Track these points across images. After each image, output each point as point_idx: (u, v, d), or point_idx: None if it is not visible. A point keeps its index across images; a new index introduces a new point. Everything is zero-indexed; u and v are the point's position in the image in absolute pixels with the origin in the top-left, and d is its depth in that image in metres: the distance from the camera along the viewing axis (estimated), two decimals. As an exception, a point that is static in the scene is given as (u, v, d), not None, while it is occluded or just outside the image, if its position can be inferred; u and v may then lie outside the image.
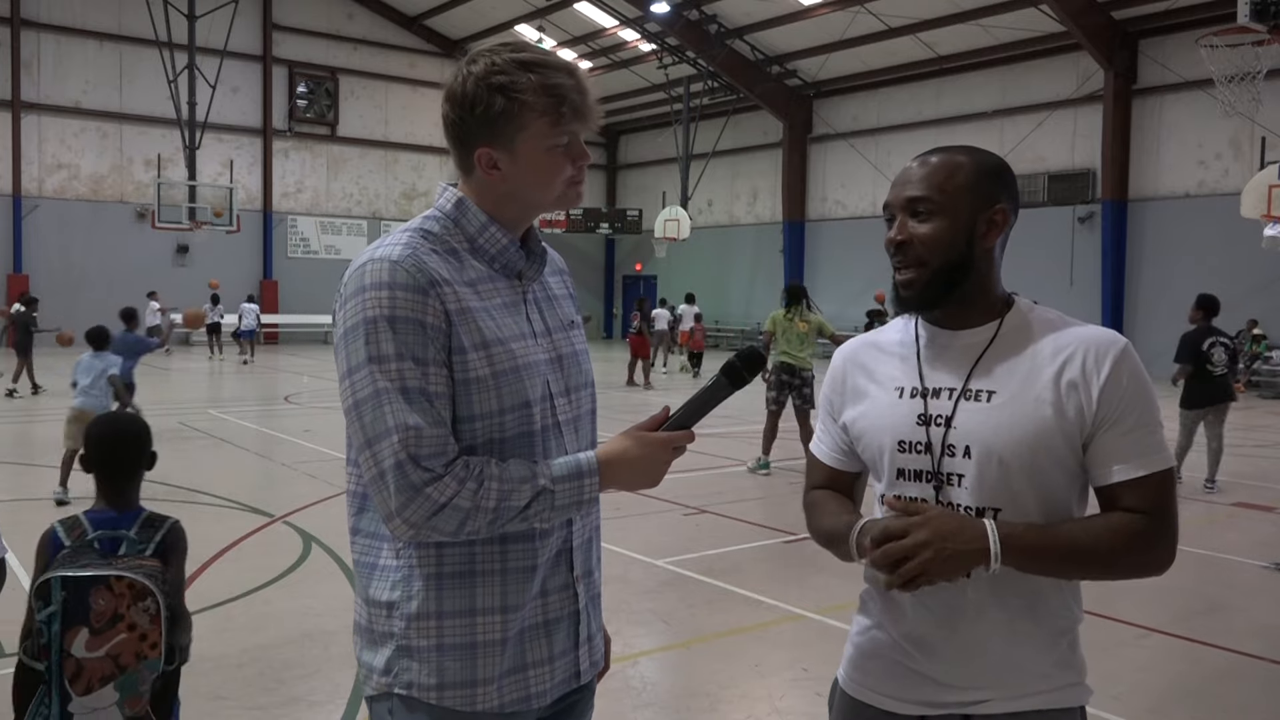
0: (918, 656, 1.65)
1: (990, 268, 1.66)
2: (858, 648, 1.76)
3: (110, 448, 2.64)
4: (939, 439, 1.63)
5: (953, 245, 1.62)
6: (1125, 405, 1.56)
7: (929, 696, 1.65)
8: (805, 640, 4.96)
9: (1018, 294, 1.72)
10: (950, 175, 1.64)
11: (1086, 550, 1.54)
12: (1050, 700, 1.62)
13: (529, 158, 1.62)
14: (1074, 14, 20.21)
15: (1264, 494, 8.97)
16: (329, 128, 30.16)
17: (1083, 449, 1.58)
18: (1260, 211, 14.93)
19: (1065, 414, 1.56)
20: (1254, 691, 4.53)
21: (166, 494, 7.99)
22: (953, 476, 1.62)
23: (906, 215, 1.66)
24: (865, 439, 1.74)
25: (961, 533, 1.50)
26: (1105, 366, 1.56)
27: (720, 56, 26.33)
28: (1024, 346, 1.62)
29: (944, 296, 1.65)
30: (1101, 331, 1.62)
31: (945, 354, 1.68)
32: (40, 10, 25.60)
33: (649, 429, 1.63)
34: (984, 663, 1.61)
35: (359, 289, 1.55)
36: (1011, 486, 1.58)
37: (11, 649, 4.49)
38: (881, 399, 1.72)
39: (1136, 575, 1.59)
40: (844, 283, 27.26)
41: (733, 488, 8.86)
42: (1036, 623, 1.61)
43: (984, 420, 1.60)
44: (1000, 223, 1.65)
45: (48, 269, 25.61)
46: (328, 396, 15.30)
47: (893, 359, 1.74)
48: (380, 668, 1.64)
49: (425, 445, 1.50)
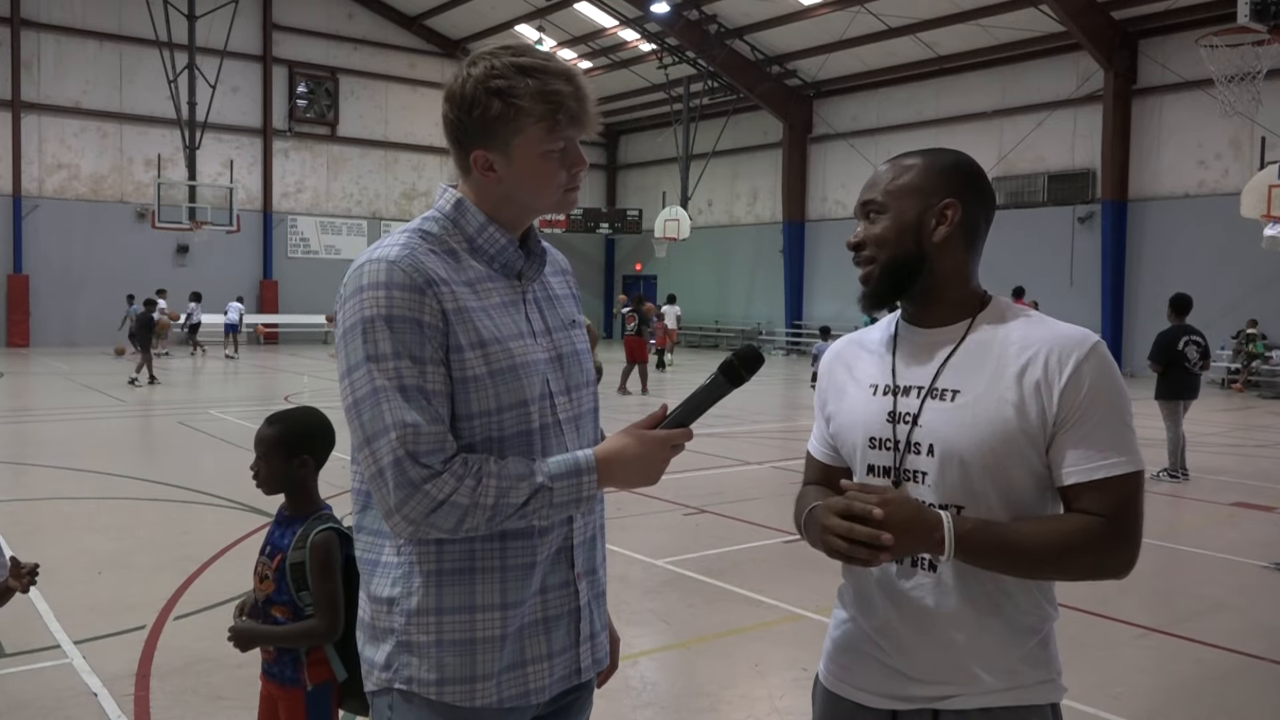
0: (889, 650, 1.67)
1: (953, 264, 1.67)
2: (834, 641, 1.80)
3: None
4: (904, 436, 1.65)
5: (899, 242, 1.66)
6: (1086, 407, 1.56)
7: (900, 691, 1.67)
8: (805, 640, 4.96)
9: (994, 293, 1.74)
10: (896, 176, 1.69)
11: (1037, 550, 1.54)
12: (1019, 697, 1.62)
13: (524, 162, 1.63)
14: (1074, 14, 20.21)
15: (1264, 494, 8.96)
16: (329, 128, 30.16)
17: (1046, 450, 1.59)
18: (1260, 211, 14.94)
19: (1027, 415, 1.57)
20: (1254, 691, 4.53)
21: (167, 494, 8.00)
22: (916, 474, 1.64)
23: (862, 218, 1.72)
24: (842, 435, 1.78)
25: (917, 522, 1.53)
26: (1068, 367, 1.57)
27: (720, 56, 26.34)
28: (992, 346, 1.63)
29: (896, 292, 1.68)
30: (1071, 331, 1.62)
31: (918, 352, 1.70)
32: (40, 10, 25.60)
33: (647, 427, 1.64)
34: (952, 659, 1.63)
35: (357, 289, 1.57)
36: (973, 485, 1.60)
37: (12, 649, 4.50)
38: (858, 396, 1.75)
39: (1094, 578, 1.59)
40: (844, 283, 27.26)
41: (733, 488, 8.86)
42: (1004, 620, 1.62)
43: (947, 419, 1.61)
44: (951, 218, 1.65)
45: (48, 269, 25.62)
46: (328, 396, 15.31)
47: (872, 356, 1.77)
48: (381, 663, 1.66)
49: (423, 442, 1.52)
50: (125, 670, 4.31)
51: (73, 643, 4.62)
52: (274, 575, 2.50)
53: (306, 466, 2.54)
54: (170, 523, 7.16)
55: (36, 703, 3.98)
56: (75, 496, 7.97)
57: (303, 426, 2.57)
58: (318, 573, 2.44)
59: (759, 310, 30.42)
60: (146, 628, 4.82)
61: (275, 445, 2.51)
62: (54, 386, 16.79)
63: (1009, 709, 1.62)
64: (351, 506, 1.74)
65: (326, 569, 2.44)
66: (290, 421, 2.57)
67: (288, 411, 2.64)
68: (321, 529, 2.48)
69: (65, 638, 4.69)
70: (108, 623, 4.90)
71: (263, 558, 2.57)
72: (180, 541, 6.49)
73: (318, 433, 2.58)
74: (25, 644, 4.58)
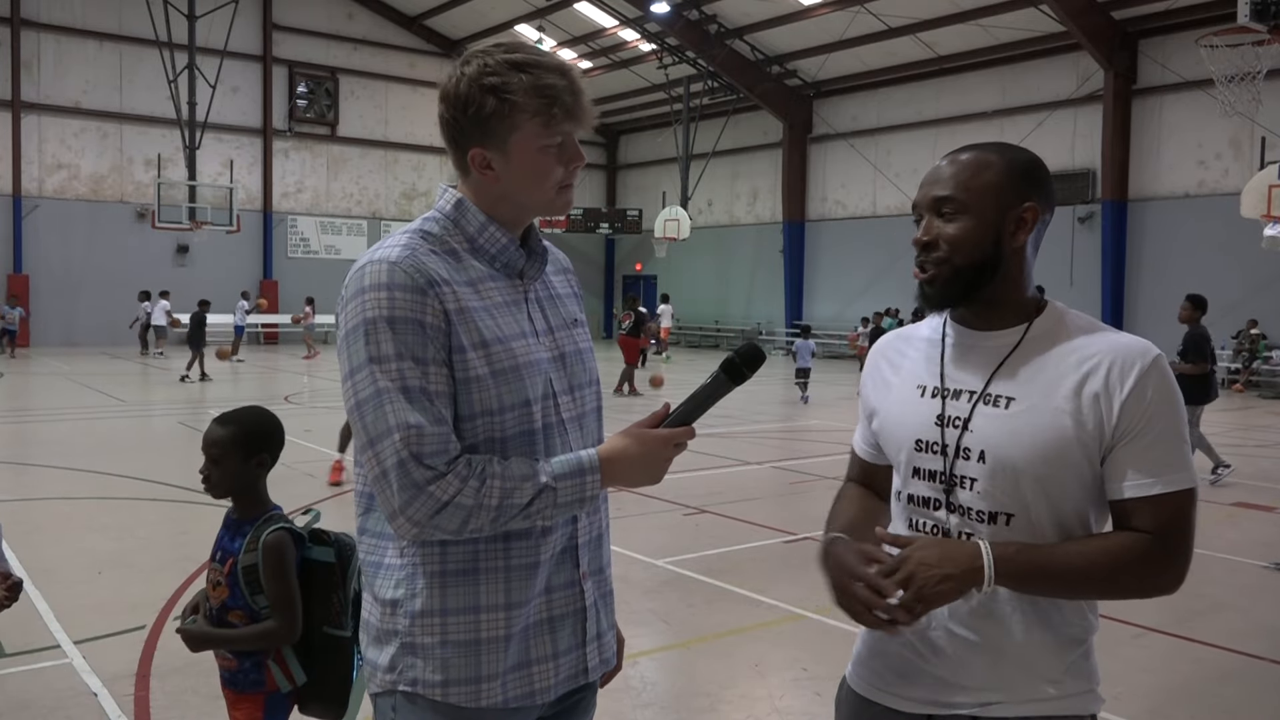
0: (928, 655, 1.64)
1: (1020, 268, 1.62)
2: (867, 645, 1.75)
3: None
4: (954, 441, 1.61)
5: (978, 245, 1.59)
6: (1147, 420, 1.52)
7: (937, 696, 1.63)
8: (805, 640, 4.96)
9: (1051, 298, 1.69)
10: (977, 173, 1.60)
11: (1081, 573, 1.52)
12: (1061, 707, 1.59)
13: (521, 158, 1.62)
14: (1074, 14, 20.20)
15: (1264, 494, 8.97)
16: (329, 128, 30.15)
17: (1101, 462, 1.55)
18: (1260, 211, 14.94)
19: (1085, 425, 1.53)
20: (1254, 692, 4.53)
21: (167, 494, 8.00)
22: (965, 480, 1.60)
23: (933, 215, 1.63)
24: (886, 434, 1.74)
25: (950, 557, 1.50)
26: (1130, 379, 1.52)
27: (720, 56, 26.33)
28: (1050, 353, 1.59)
29: (966, 295, 1.62)
30: (1133, 341, 1.57)
31: (970, 355, 1.65)
32: (40, 10, 25.59)
33: (649, 426, 1.64)
34: (995, 666, 1.59)
35: (359, 290, 1.57)
36: (1023, 495, 1.56)
37: (12, 649, 4.50)
38: (904, 396, 1.71)
39: (1142, 596, 1.57)
40: (844, 283, 27.29)
41: (733, 488, 8.86)
42: (1050, 629, 1.59)
43: (1000, 426, 1.57)
44: (1030, 221, 1.61)
45: (48, 269, 25.62)
46: (328, 396, 15.31)
47: (919, 356, 1.72)
48: (385, 665, 1.65)
49: (427, 443, 1.52)
50: (125, 670, 4.31)
51: (73, 643, 4.63)
52: (226, 580, 2.44)
53: (263, 466, 2.49)
54: (170, 523, 7.16)
55: (36, 703, 3.99)
56: (75, 496, 7.97)
57: (258, 426, 2.51)
58: (271, 574, 2.39)
59: (759, 310, 30.41)
60: (146, 628, 4.82)
61: (231, 446, 2.44)
62: (54, 386, 16.79)
63: (1050, 718, 1.59)
64: (355, 508, 1.74)
65: (280, 570, 2.39)
66: (245, 421, 2.50)
67: (238, 412, 2.56)
68: (273, 530, 2.42)
69: (65, 638, 4.69)
70: (108, 623, 4.91)
71: (214, 564, 2.50)
72: (180, 541, 6.49)
73: (273, 431, 2.53)
74: (25, 644, 4.57)
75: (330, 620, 2.44)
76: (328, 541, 2.48)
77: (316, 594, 2.44)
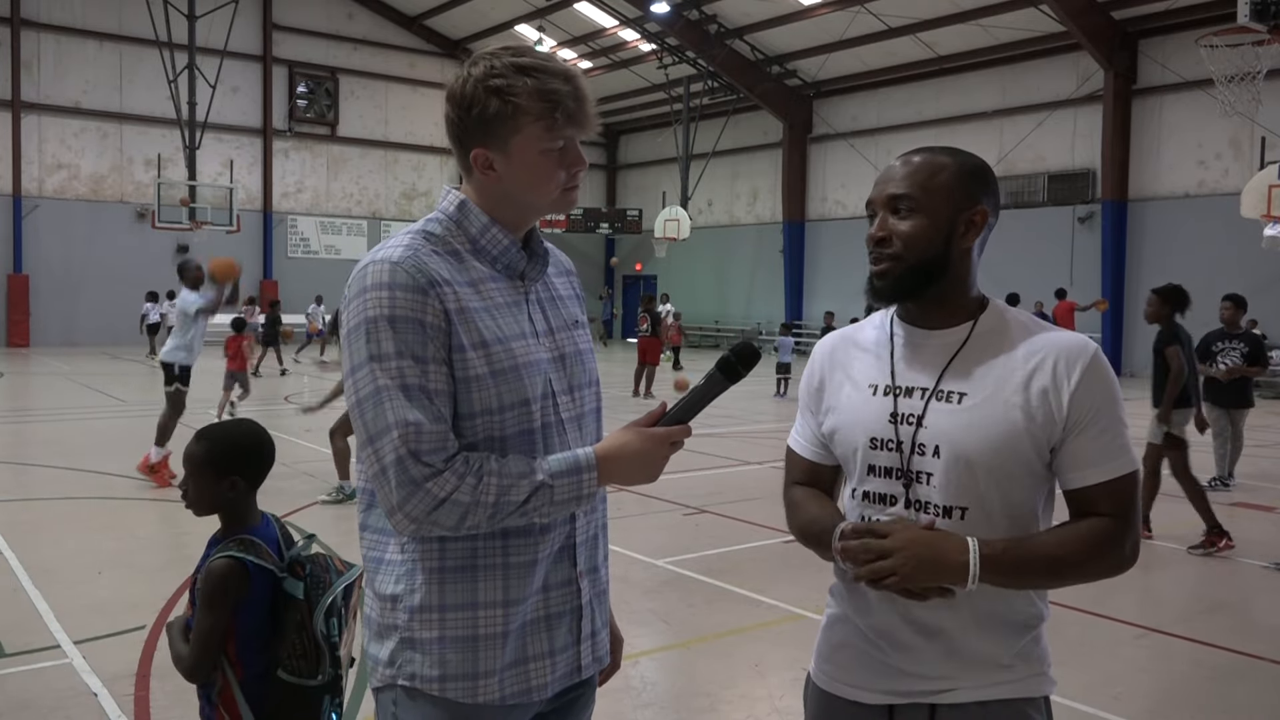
0: (885, 647, 1.68)
1: (967, 268, 1.68)
2: (827, 640, 1.80)
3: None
4: (909, 437, 1.65)
5: (931, 243, 1.64)
6: (1095, 411, 1.59)
7: (896, 686, 1.68)
8: (805, 640, 4.94)
9: (990, 296, 1.74)
10: (933, 174, 1.66)
11: (1062, 560, 1.58)
12: (1015, 690, 1.65)
13: (522, 160, 1.64)
14: (1074, 14, 20.21)
15: (1264, 494, 8.97)
16: (329, 128, 30.16)
17: (1050, 453, 1.62)
18: (1260, 211, 14.93)
19: (1034, 419, 1.59)
20: (1254, 691, 4.53)
21: (167, 494, 8.00)
22: (921, 474, 1.65)
23: (888, 212, 1.68)
24: (839, 434, 1.76)
25: (937, 547, 1.55)
26: (1076, 373, 1.59)
27: (720, 56, 26.34)
28: (997, 349, 1.65)
29: (915, 292, 1.67)
30: (1073, 337, 1.65)
31: (919, 353, 1.70)
32: (40, 10, 25.60)
33: (646, 424, 1.66)
34: (950, 655, 1.65)
35: (361, 290, 1.59)
36: (978, 487, 1.61)
37: (12, 649, 4.50)
38: (855, 395, 1.74)
39: (1106, 576, 1.64)
40: (844, 282, 27.26)
41: (733, 488, 8.86)
42: (1002, 619, 1.65)
43: (954, 421, 1.62)
44: (979, 224, 1.67)
45: (48, 269, 25.62)
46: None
47: (868, 355, 1.76)
48: (385, 659, 1.68)
49: (425, 441, 1.53)
50: (125, 670, 4.31)
51: (73, 643, 4.63)
52: (190, 596, 2.30)
53: (236, 489, 2.27)
54: (170, 523, 7.16)
55: (36, 703, 3.99)
56: (75, 496, 7.97)
57: (231, 444, 2.30)
58: (202, 601, 2.18)
59: (759, 310, 30.41)
60: (146, 628, 4.82)
61: (202, 464, 2.26)
62: (54, 386, 16.79)
63: (1005, 701, 1.65)
64: (357, 504, 1.77)
65: (208, 599, 2.17)
66: (218, 439, 2.30)
67: (218, 426, 2.41)
68: (221, 556, 2.20)
69: (65, 638, 4.69)
70: (108, 623, 4.91)
71: (193, 576, 2.35)
72: (180, 541, 6.49)
73: (250, 450, 2.31)
74: (25, 644, 4.58)
75: (289, 665, 2.19)
76: (301, 576, 2.25)
77: (288, 633, 2.21)
